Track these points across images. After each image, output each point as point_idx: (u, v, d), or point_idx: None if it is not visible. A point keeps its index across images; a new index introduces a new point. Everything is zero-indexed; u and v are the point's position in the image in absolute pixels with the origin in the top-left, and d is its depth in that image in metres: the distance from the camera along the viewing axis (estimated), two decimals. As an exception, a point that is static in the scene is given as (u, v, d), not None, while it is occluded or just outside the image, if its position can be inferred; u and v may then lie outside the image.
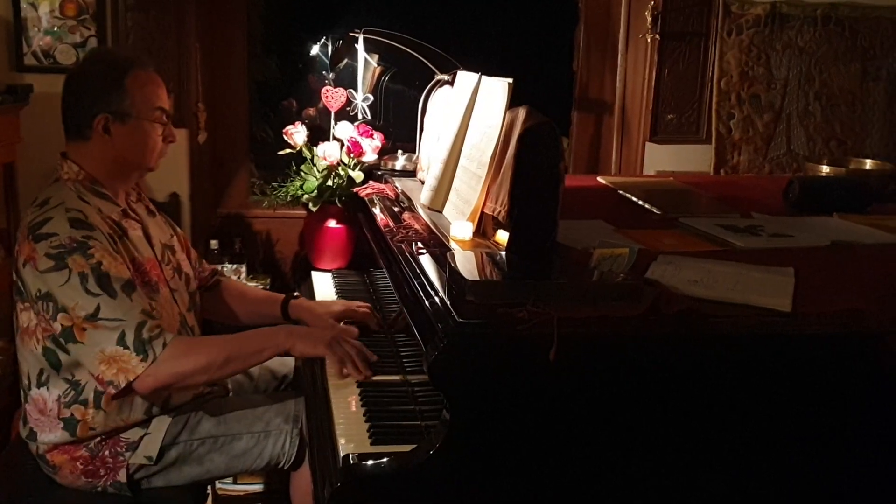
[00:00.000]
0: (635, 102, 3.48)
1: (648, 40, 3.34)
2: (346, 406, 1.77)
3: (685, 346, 1.45)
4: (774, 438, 1.51)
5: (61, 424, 1.90)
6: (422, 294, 1.59)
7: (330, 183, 2.87)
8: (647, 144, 3.45)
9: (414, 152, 2.80)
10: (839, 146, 3.50)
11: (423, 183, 2.34)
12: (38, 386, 1.91)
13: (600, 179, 2.88)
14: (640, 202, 2.44)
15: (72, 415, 1.90)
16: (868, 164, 2.95)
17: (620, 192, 2.61)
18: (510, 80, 1.87)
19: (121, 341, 1.80)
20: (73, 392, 1.89)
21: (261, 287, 3.09)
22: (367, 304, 2.28)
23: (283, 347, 1.96)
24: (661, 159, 3.47)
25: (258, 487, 2.87)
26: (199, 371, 1.87)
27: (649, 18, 3.30)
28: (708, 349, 1.46)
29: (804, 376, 1.49)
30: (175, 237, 2.21)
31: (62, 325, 1.82)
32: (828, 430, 1.52)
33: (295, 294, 2.40)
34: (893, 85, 3.52)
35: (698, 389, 1.47)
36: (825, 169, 2.87)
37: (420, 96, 2.69)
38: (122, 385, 1.81)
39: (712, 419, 1.49)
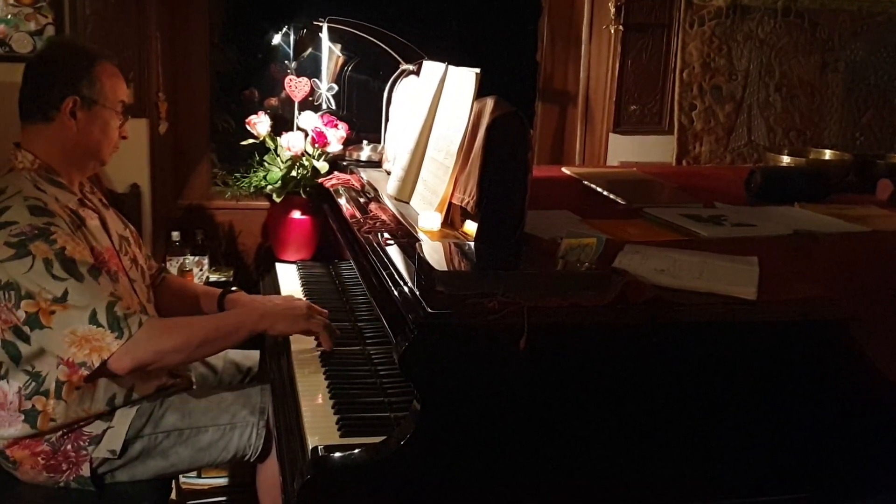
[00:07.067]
0: (599, 93, 3.49)
1: (612, 31, 3.35)
2: (314, 398, 1.76)
3: (653, 334, 1.47)
4: (740, 423, 1.54)
5: (22, 417, 1.87)
6: (390, 285, 1.58)
7: (294, 174, 2.85)
8: (611, 135, 3.47)
9: (379, 142, 2.78)
10: (799, 136, 3.56)
11: (389, 173, 2.33)
12: (-2, 380, 1.88)
13: (565, 170, 2.89)
14: (605, 192, 2.45)
15: (33, 406, 1.86)
16: (827, 154, 3.00)
17: (585, 182, 2.63)
18: (477, 71, 1.87)
19: (93, 320, 1.78)
20: (33, 383, 1.86)
21: (223, 279, 3.06)
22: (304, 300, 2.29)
23: (260, 328, 1.97)
24: (624, 150, 3.49)
25: (223, 481, 2.85)
26: (176, 349, 1.86)
27: (613, 9, 3.31)
28: (675, 337, 1.48)
29: (769, 363, 1.52)
30: (128, 230, 2.19)
31: (26, 311, 1.78)
32: (792, 415, 1.55)
33: (232, 288, 2.39)
34: (851, 76, 3.58)
35: (666, 376, 1.48)
36: (786, 159, 2.91)
37: (384, 86, 2.68)
38: (96, 365, 1.78)
39: (680, 406, 1.51)
